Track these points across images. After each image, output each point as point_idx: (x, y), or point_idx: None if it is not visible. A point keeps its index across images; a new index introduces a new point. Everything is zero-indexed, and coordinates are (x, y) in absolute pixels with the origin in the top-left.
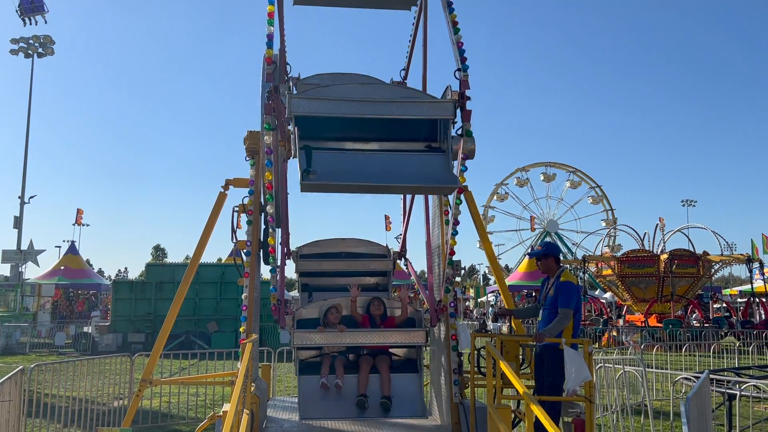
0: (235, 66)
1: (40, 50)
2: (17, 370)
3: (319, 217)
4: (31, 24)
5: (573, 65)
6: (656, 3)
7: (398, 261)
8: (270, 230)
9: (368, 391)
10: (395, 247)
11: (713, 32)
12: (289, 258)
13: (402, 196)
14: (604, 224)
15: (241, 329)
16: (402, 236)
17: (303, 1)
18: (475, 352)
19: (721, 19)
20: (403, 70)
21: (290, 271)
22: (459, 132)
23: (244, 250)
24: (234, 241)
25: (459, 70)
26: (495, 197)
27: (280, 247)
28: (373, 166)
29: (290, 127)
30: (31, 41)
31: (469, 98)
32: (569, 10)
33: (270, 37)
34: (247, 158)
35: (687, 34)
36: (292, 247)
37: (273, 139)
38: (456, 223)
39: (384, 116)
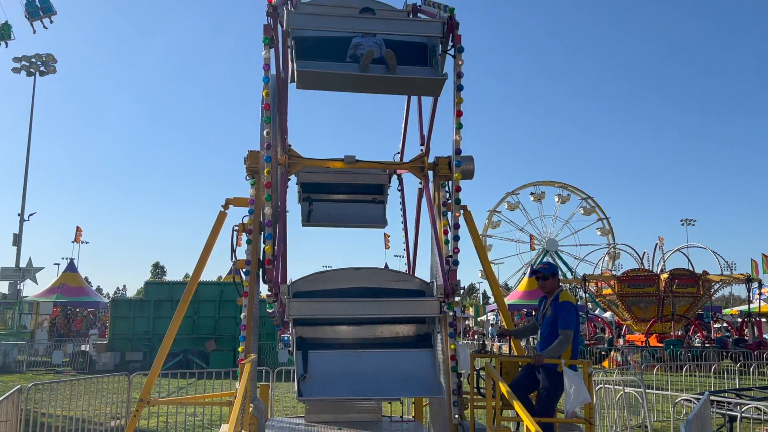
0: (237, 85)
1: (42, 69)
2: (14, 389)
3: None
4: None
5: (570, 83)
6: (652, 25)
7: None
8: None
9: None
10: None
11: (712, 51)
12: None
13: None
14: (599, 233)
15: (239, 349)
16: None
17: (307, 86)
18: (475, 373)
19: (721, 37)
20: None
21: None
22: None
23: (244, 269)
24: (233, 260)
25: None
26: (504, 204)
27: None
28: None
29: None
30: (33, 60)
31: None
32: (561, 30)
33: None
34: (248, 177)
35: (684, 54)
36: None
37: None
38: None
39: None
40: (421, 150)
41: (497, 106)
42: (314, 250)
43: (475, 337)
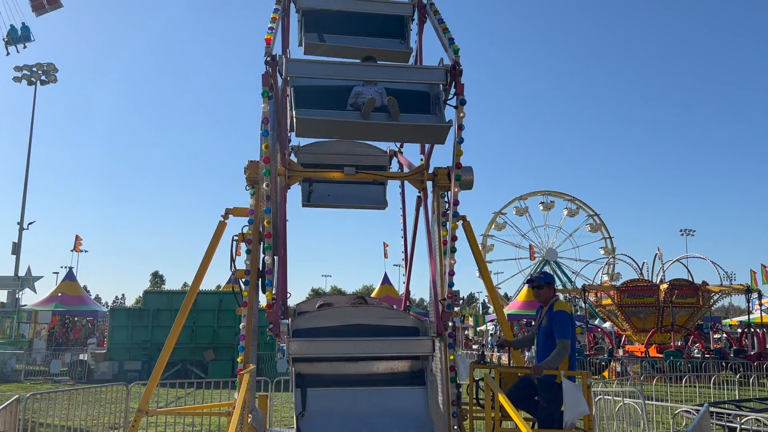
0: (238, 95)
1: (43, 78)
2: (13, 399)
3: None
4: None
5: (572, 94)
6: (654, 31)
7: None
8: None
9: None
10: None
11: (713, 60)
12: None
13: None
14: (602, 252)
15: (238, 359)
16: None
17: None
18: (474, 383)
19: (722, 45)
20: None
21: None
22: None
23: (243, 279)
24: (233, 270)
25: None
26: (493, 226)
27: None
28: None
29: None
30: (34, 69)
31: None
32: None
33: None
34: (247, 187)
35: (684, 63)
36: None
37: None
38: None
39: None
40: (421, 160)
41: (494, 111)
42: (314, 260)
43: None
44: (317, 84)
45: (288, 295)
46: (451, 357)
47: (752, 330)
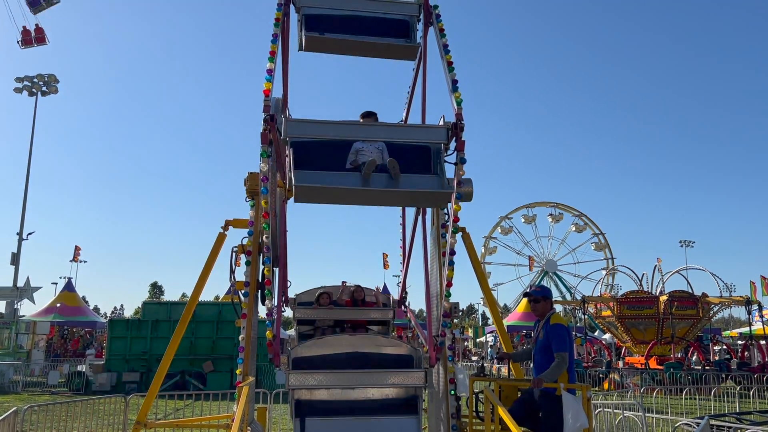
0: (239, 106)
1: (44, 89)
2: (11, 411)
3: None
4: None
5: (573, 103)
6: (662, 43)
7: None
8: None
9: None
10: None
11: (712, 72)
12: (286, 305)
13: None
14: (594, 248)
15: (237, 371)
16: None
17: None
18: (474, 396)
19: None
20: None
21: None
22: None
23: (242, 291)
24: (232, 281)
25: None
26: (498, 229)
27: (277, 286)
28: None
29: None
30: (35, 80)
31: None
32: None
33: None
34: (247, 199)
35: (685, 75)
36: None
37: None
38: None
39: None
40: None
41: (491, 129)
42: (313, 269)
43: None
44: (317, 140)
45: (288, 284)
46: (451, 369)
47: (753, 342)
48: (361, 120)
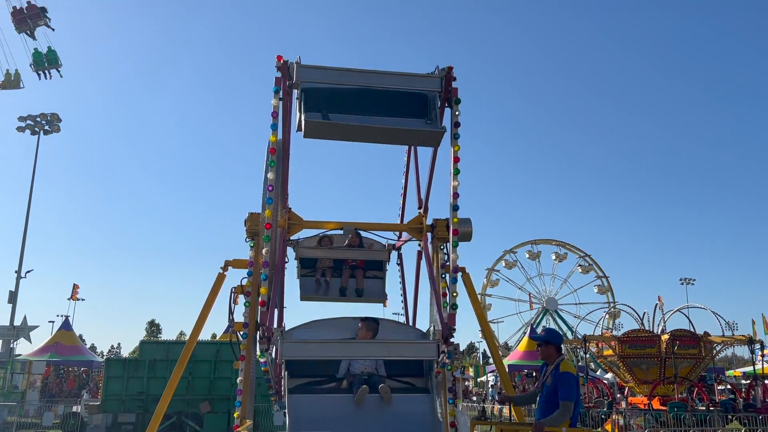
0: (239, 146)
1: (46, 128)
2: None
3: None
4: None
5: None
6: (664, 86)
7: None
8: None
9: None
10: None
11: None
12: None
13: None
14: (596, 290)
15: (235, 414)
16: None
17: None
18: None
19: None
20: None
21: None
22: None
23: (241, 332)
24: (231, 322)
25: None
26: (502, 262)
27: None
28: None
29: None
30: (38, 119)
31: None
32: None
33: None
34: (247, 239)
35: (681, 106)
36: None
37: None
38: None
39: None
40: (419, 213)
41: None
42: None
43: (475, 398)
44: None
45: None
46: (452, 413)
47: (757, 382)
48: (360, 325)
